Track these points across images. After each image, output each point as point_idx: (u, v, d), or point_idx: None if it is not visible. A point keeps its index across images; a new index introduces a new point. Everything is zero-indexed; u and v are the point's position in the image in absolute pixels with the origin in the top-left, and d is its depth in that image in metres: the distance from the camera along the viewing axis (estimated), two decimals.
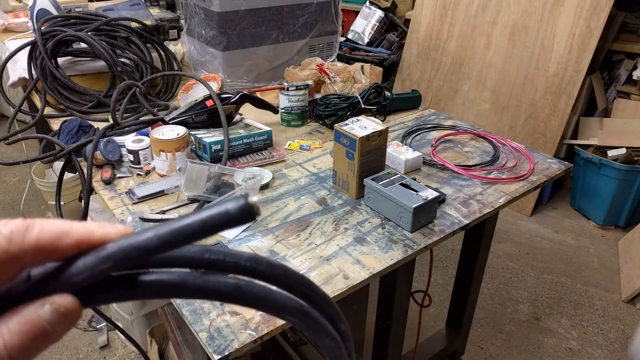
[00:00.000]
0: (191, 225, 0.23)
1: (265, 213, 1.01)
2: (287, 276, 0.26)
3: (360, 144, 1.00)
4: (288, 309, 0.26)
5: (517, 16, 2.55)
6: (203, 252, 0.25)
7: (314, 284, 0.28)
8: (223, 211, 0.23)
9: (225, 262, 0.25)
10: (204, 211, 0.23)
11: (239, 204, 0.22)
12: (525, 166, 1.21)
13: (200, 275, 0.25)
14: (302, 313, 0.27)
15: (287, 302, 0.26)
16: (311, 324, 0.27)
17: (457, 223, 0.99)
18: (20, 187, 2.72)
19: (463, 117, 2.78)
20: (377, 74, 1.57)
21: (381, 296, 1.21)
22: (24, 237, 0.22)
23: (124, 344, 1.81)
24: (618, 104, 2.59)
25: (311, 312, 0.27)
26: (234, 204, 0.22)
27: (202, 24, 1.52)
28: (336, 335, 0.29)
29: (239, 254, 0.25)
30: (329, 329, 0.28)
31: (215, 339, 0.72)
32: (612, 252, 2.34)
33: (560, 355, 1.80)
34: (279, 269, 0.26)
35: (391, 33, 3.23)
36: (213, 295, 0.25)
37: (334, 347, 0.29)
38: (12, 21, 1.91)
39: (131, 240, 0.23)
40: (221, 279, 0.25)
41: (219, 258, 0.25)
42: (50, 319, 0.22)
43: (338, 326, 0.29)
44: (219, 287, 0.25)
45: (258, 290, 0.25)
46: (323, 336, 0.28)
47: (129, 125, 1.21)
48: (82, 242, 0.23)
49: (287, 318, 0.27)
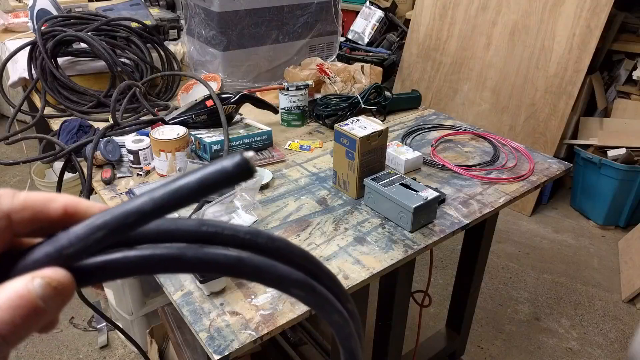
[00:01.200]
0: (188, 185, 0.21)
1: (265, 213, 1.01)
2: (289, 250, 0.25)
3: (360, 144, 1.00)
4: (293, 281, 0.25)
5: (517, 16, 2.55)
6: (200, 225, 0.24)
7: (317, 260, 0.27)
8: (219, 168, 0.21)
9: (224, 235, 0.24)
10: (199, 171, 0.22)
11: (235, 160, 0.21)
12: (525, 166, 1.21)
13: (198, 247, 0.23)
14: (308, 286, 0.25)
15: (291, 274, 0.25)
16: (318, 298, 0.26)
17: (457, 223, 0.99)
18: (20, 187, 2.72)
19: (463, 117, 2.78)
20: (377, 74, 1.57)
21: (381, 296, 1.21)
22: (13, 198, 0.22)
23: (124, 344, 1.81)
24: (618, 104, 2.59)
25: (317, 287, 0.26)
26: (229, 160, 0.21)
27: (202, 24, 1.52)
28: (344, 312, 0.27)
29: (238, 226, 0.24)
30: (337, 305, 0.27)
31: (215, 339, 0.72)
32: (612, 252, 2.34)
33: (560, 355, 1.80)
34: (280, 243, 0.25)
35: (391, 33, 3.23)
36: (213, 267, 0.23)
37: (343, 324, 0.27)
38: (12, 21, 1.91)
39: (125, 206, 0.21)
40: (221, 251, 0.23)
41: (217, 231, 0.24)
42: (42, 294, 0.21)
43: (345, 305, 0.28)
44: (218, 259, 0.23)
45: (260, 262, 0.24)
46: (331, 312, 0.27)
47: (129, 125, 1.21)
48: (69, 207, 0.23)
49: (293, 292, 0.25)
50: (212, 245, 0.24)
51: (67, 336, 1.85)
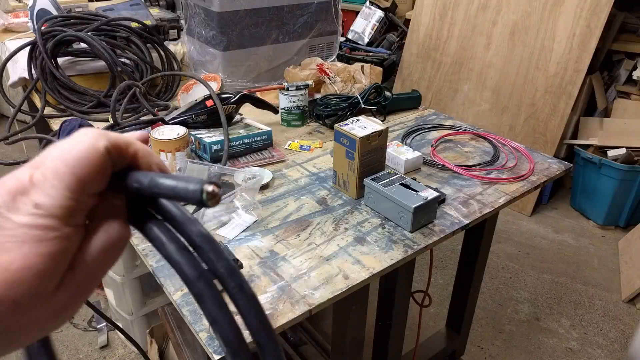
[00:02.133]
0: (161, 185, 0.27)
1: (265, 213, 1.01)
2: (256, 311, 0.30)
3: (360, 144, 1.00)
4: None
5: (517, 16, 2.55)
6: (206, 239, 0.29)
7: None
8: (183, 187, 0.26)
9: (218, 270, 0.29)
10: (176, 179, 0.27)
11: (196, 187, 0.26)
12: (525, 166, 1.21)
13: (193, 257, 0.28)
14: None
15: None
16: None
17: (457, 223, 0.99)
18: None
19: (463, 117, 2.78)
20: (377, 74, 1.57)
21: (381, 296, 1.21)
22: (113, 136, 0.28)
23: (124, 344, 1.81)
24: (618, 104, 2.59)
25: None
26: (194, 184, 0.26)
27: (202, 24, 1.52)
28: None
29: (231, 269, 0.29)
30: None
31: (215, 339, 0.72)
32: (612, 252, 2.34)
33: (560, 355, 1.80)
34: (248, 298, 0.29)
35: (391, 33, 3.23)
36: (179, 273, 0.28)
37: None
38: (12, 21, 1.91)
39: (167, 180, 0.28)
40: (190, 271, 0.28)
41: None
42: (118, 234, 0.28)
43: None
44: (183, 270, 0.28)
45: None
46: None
47: (129, 125, 1.21)
48: (139, 153, 0.29)
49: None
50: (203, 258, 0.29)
51: (67, 336, 1.85)
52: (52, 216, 0.24)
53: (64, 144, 0.26)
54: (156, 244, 0.28)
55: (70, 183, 0.24)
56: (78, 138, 0.26)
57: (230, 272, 0.28)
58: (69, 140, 0.26)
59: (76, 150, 0.25)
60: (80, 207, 0.25)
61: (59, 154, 0.25)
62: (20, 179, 0.24)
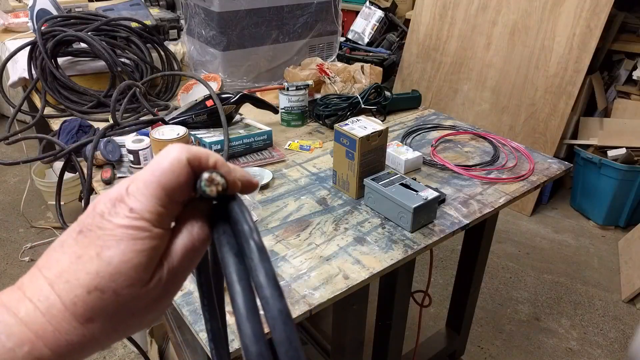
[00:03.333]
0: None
1: (265, 213, 1.01)
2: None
3: (360, 144, 1.00)
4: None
5: (517, 16, 2.55)
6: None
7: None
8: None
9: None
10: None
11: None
12: (525, 166, 1.21)
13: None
14: None
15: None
16: None
17: (457, 223, 0.99)
18: (20, 187, 2.72)
19: (463, 117, 2.78)
20: (377, 74, 1.57)
21: (381, 296, 1.21)
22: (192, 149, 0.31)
23: (124, 344, 1.81)
24: (618, 104, 2.59)
25: None
26: None
27: (202, 24, 1.52)
28: None
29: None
30: None
31: None
32: (612, 252, 2.34)
33: (560, 355, 1.80)
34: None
35: (391, 33, 3.23)
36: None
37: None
38: (12, 21, 1.91)
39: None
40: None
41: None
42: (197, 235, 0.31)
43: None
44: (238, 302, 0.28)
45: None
46: None
47: (129, 125, 1.21)
48: (218, 164, 0.31)
49: None
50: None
51: None
52: (143, 219, 0.28)
53: (155, 158, 0.30)
54: (227, 279, 0.29)
55: (157, 191, 0.29)
56: (165, 153, 0.30)
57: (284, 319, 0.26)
58: (159, 156, 0.30)
59: (162, 163, 0.29)
60: (167, 211, 0.29)
61: (149, 167, 0.30)
62: (119, 190, 0.29)
